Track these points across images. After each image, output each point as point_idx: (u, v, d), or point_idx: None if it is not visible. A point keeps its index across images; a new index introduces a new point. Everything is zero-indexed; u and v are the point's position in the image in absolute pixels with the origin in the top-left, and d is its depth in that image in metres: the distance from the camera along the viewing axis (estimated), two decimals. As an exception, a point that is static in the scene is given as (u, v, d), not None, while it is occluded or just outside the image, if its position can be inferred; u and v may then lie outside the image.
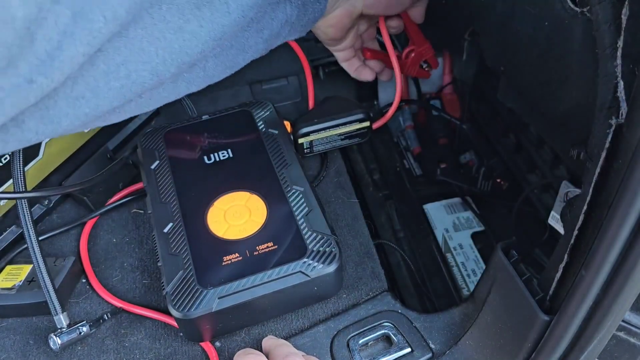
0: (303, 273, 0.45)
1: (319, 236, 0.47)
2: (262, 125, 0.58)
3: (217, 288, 0.44)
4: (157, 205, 0.51)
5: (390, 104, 0.79)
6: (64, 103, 0.33)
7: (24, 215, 0.49)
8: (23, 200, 0.49)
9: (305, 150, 0.61)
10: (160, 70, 0.38)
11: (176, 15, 0.37)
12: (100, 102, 0.35)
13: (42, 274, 0.48)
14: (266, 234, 0.48)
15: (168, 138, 0.57)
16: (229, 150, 0.56)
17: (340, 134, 0.61)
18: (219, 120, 0.60)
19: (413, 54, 0.63)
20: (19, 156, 0.49)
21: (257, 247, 0.47)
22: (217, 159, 0.55)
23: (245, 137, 0.57)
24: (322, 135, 0.60)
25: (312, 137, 0.60)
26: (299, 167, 0.54)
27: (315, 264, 0.45)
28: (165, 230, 0.48)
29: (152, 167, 0.54)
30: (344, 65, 0.64)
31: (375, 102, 0.79)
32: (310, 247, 0.46)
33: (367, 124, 0.61)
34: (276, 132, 0.57)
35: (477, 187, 0.66)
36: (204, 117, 0.60)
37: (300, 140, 0.60)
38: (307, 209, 0.50)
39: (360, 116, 0.60)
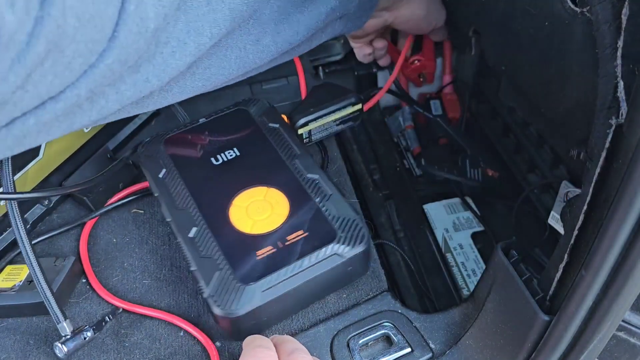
0: (338, 255, 0.46)
1: (345, 218, 0.48)
2: (262, 121, 0.59)
3: (258, 282, 0.44)
4: (175, 212, 0.50)
5: (389, 107, 0.79)
6: (157, 95, 0.38)
7: (16, 224, 0.48)
8: (15, 207, 0.48)
9: (305, 140, 0.62)
10: (233, 75, 0.43)
11: (258, 29, 0.42)
12: (181, 95, 0.40)
13: (42, 288, 0.47)
14: (293, 223, 0.48)
15: (169, 145, 0.57)
16: (235, 149, 0.56)
17: (335, 120, 0.63)
18: (217, 121, 0.60)
19: (418, 63, 0.70)
20: (8, 162, 0.48)
21: (287, 238, 0.47)
22: (225, 159, 0.55)
23: (248, 135, 0.57)
24: (319, 123, 0.61)
25: (310, 126, 0.61)
26: (309, 156, 0.54)
27: (347, 245, 0.46)
28: (191, 235, 0.48)
29: (160, 175, 0.54)
30: (353, 45, 0.69)
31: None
32: (338, 230, 0.47)
33: (359, 106, 0.63)
34: (277, 125, 0.58)
35: (468, 177, 0.66)
36: (201, 120, 0.60)
37: (300, 131, 0.61)
38: (326, 194, 0.50)
39: (352, 100, 0.62)
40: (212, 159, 0.55)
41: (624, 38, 0.28)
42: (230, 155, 0.55)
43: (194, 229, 0.48)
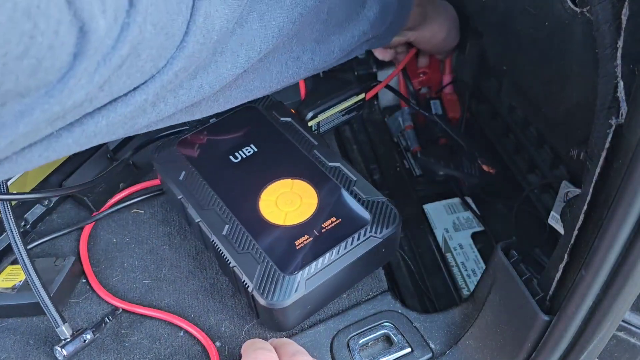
0: (374, 237, 0.47)
1: (374, 201, 0.49)
2: (273, 116, 0.59)
3: (301, 271, 0.45)
4: (203, 212, 0.50)
5: (389, 107, 0.79)
6: (205, 104, 0.40)
7: (10, 229, 0.47)
8: (8, 210, 0.47)
9: (314, 133, 0.62)
10: (272, 87, 0.46)
11: (299, 47, 0.45)
12: (226, 104, 0.43)
13: (39, 292, 0.47)
14: (325, 211, 0.49)
15: (183, 147, 0.57)
16: (252, 145, 0.56)
17: (341, 110, 0.64)
18: (229, 120, 0.60)
19: (423, 77, 0.73)
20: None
21: (323, 225, 0.48)
22: (244, 156, 0.55)
23: (262, 130, 0.58)
24: (327, 114, 0.63)
25: (319, 118, 0.62)
26: (326, 146, 0.55)
27: (381, 226, 0.47)
28: (224, 233, 0.48)
29: (181, 178, 0.54)
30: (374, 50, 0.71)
31: (375, 102, 0.79)
32: (370, 212, 0.48)
33: (362, 95, 0.65)
34: (289, 119, 0.58)
35: (464, 171, 0.66)
36: (212, 121, 0.60)
37: (310, 124, 0.62)
38: (351, 180, 0.51)
39: (355, 90, 0.64)
40: (231, 157, 0.55)
41: (624, 38, 0.28)
42: (248, 152, 0.55)
43: (226, 227, 0.49)
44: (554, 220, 0.50)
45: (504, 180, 0.66)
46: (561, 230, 0.48)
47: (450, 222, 0.66)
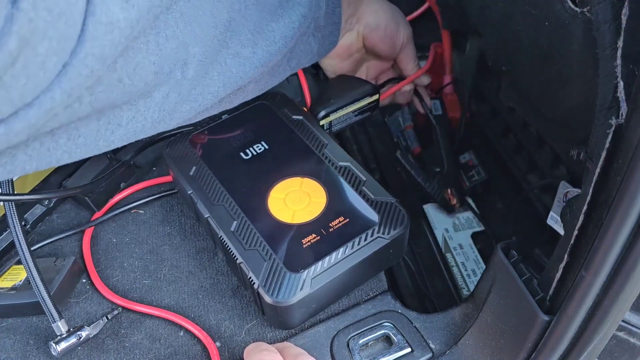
0: (381, 238, 0.47)
1: (383, 202, 0.49)
2: (285, 114, 0.59)
3: (307, 270, 0.45)
4: (212, 207, 0.51)
5: (389, 107, 0.79)
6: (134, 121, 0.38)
7: (14, 224, 0.48)
8: (12, 209, 0.48)
9: (326, 132, 0.62)
10: (220, 93, 0.43)
11: (235, 41, 0.42)
12: (173, 121, 0.41)
13: (36, 284, 0.48)
14: (333, 210, 0.49)
15: (195, 142, 0.57)
16: (263, 142, 0.56)
17: (354, 110, 0.63)
18: (241, 116, 0.60)
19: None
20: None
21: (330, 224, 0.48)
22: (255, 153, 0.55)
23: (273, 128, 0.58)
24: (339, 114, 0.62)
25: (331, 117, 0.62)
26: (337, 145, 0.55)
27: (389, 227, 0.47)
28: (232, 229, 0.48)
29: (191, 173, 0.54)
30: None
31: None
32: (378, 213, 0.48)
33: (376, 96, 0.64)
34: (300, 117, 0.58)
35: (427, 186, 0.67)
36: (224, 117, 0.60)
37: (321, 123, 0.62)
38: (360, 180, 0.51)
39: (369, 90, 0.64)
40: (242, 154, 0.55)
41: (624, 38, 0.28)
42: (259, 149, 0.55)
43: (234, 223, 0.49)
44: (554, 221, 0.50)
45: (503, 180, 0.66)
46: (560, 231, 0.49)
47: (450, 222, 0.66)
